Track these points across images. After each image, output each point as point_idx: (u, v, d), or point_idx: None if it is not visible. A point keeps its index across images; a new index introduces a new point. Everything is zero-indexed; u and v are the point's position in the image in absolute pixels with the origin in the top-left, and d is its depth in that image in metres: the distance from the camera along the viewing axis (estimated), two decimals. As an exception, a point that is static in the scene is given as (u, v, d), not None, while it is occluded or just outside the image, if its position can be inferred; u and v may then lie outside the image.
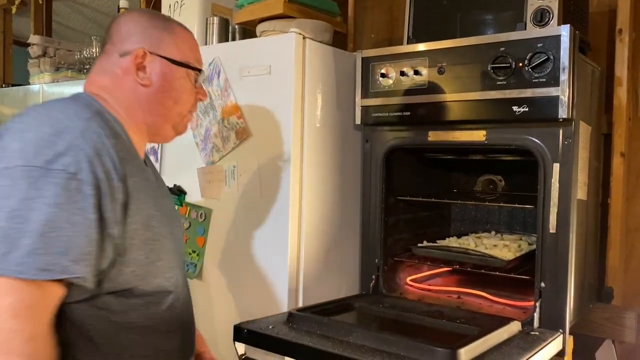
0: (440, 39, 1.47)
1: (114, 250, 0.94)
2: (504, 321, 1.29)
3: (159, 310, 1.04)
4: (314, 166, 1.58)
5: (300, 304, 1.52)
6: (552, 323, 1.32)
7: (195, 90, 1.16)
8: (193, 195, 1.75)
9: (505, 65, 1.34)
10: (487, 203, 1.75)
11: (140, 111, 1.09)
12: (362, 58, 1.59)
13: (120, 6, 2.30)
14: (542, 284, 1.34)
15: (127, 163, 0.98)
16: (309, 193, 1.56)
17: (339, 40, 2.01)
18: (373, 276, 1.63)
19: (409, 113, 1.51)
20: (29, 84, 2.77)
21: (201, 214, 1.72)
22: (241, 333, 1.29)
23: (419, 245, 1.69)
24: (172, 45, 1.11)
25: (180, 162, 1.78)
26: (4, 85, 3.13)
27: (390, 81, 1.54)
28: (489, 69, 1.37)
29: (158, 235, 1.03)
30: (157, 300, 1.04)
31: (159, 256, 1.03)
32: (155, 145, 1.85)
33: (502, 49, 1.35)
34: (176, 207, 1.79)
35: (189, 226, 1.76)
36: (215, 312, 1.67)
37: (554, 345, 1.29)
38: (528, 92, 1.32)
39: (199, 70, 1.16)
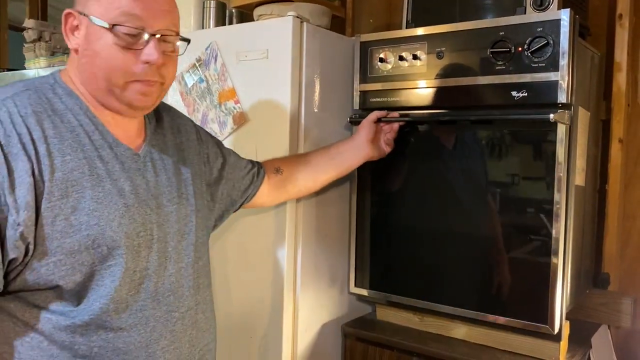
0: (439, 23, 1.46)
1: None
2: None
3: None
4: (312, 151, 1.57)
5: (299, 290, 1.52)
6: (549, 308, 1.33)
7: (134, 52, 0.94)
8: (190, 181, 1.74)
9: (504, 50, 1.33)
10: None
11: (84, 82, 0.98)
12: (360, 43, 1.58)
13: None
14: (539, 269, 1.34)
15: (58, 143, 0.91)
16: (307, 178, 1.55)
17: (337, 25, 2.00)
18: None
19: (407, 98, 1.50)
20: (24, 68, 2.74)
21: (198, 199, 1.72)
22: None
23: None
24: (94, 0, 0.94)
25: (178, 147, 1.77)
26: (-1, 70, 3.10)
27: (389, 66, 1.53)
28: (488, 53, 1.36)
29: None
30: None
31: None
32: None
33: (501, 33, 1.34)
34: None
35: (186, 211, 1.75)
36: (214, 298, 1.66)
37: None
38: (527, 77, 1.31)
39: (135, 28, 0.93)
